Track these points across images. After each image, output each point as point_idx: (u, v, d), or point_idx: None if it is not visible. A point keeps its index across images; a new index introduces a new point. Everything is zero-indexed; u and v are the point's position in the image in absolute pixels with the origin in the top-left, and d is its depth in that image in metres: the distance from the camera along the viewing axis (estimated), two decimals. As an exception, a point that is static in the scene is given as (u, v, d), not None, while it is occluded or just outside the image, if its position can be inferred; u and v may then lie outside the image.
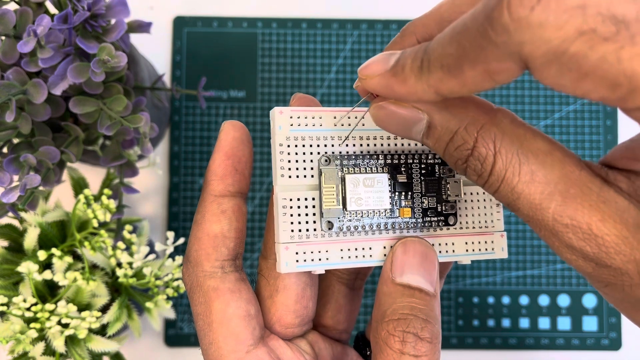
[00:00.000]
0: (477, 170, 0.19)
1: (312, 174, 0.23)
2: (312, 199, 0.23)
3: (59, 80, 0.30)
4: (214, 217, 0.23)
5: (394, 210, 0.23)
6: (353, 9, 0.50)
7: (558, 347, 0.47)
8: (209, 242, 0.23)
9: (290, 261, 0.22)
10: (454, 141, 0.19)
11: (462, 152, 0.19)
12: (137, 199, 0.48)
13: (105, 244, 0.36)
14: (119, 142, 0.35)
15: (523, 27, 0.14)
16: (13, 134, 0.31)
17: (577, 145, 0.48)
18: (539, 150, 0.18)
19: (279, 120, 0.23)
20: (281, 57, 0.49)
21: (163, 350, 0.47)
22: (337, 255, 0.23)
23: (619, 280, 0.17)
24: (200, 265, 0.23)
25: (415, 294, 0.21)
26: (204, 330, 0.23)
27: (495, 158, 0.18)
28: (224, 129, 0.24)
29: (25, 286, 0.35)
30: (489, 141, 0.19)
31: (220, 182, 0.23)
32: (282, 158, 0.22)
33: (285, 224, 0.22)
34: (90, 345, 0.35)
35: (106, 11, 0.32)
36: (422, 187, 0.24)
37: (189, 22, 0.49)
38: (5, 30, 0.30)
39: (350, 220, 0.23)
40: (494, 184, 0.19)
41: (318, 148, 0.23)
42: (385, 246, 0.23)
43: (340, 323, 0.27)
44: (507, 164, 0.18)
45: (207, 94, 0.41)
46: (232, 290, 0.23)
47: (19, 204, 0.31)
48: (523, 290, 0.47)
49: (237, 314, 0.22)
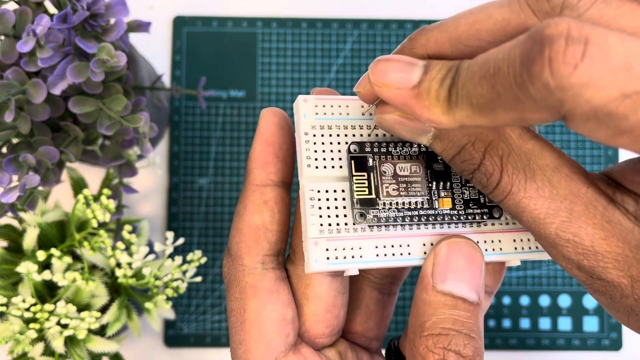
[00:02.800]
0: (483, 182, 0.19)
1: (340, 165, 0.21)
2: (342, 191, 0.21)
3: (58, 80, 0.30)
4: (255, 207, 0.21)
5: (433, 200, 0.21)
6: (353, 9, 0.49)
7: (559, 347, 0.47)
8: (251, 234, 0.21)
9: (320, 257, 0.20)
10: (460, 155, 0.19)
11: (469, 166, 0.19)
12: (137, 199, 0.48)
13: (105, 244, 0.36)
14: (119, 142, 0.35)
15: (565, 86, 0.13)
16: (12, 134, 0.31)
17: (577, 145, 0.48)
18: (547, 166, 0.18)
19: (304, 109, 0.21)
20: (281, 57, 0.49)
21: (162, 350, 0.47)
22: (372, 252, 0.21)
23: (609, 290, 0.18)
24: (240, 258, 0.22)
25: (459, 305, 0.19)
26: (235, 327, 0.22)
27: (502, 174, 0.18)
28: (264, 116, 0.22)
29: (24, 286, 0.35)
30: (496, 158, 0.19)
31: (261, 170, 0.22)
32: (308, 147, 0.21)
33: (313, 217, 0.20)
34: (89, 346, 0.35)
35: (105, 11, 0.32)
36: (461, 177, 0.22)
37: (188, 22, 0.49)
38: (5, 30, 0.30)
39: (385, 211, 0.21)
40: (499, 196, 0.19)
41: (346, 137, 0.21)
42: (425, 243, 0.21)
43: (370, 330, 0.25)
44: (513, 180, 0.18)
45: (206, 94, 0.41)
46: (270, 290, 0.21)
47: (18, 204, 0.31)
48: (524, 291, 0.47)
49: (271, 317, 0.21)
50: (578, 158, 0.48)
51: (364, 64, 0.49)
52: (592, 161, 0.48)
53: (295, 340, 0.22)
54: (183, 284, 0.37)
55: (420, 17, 0.49)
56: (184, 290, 0.38)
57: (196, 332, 0.47)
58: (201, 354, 0.47)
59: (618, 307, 0.18)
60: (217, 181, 0.48)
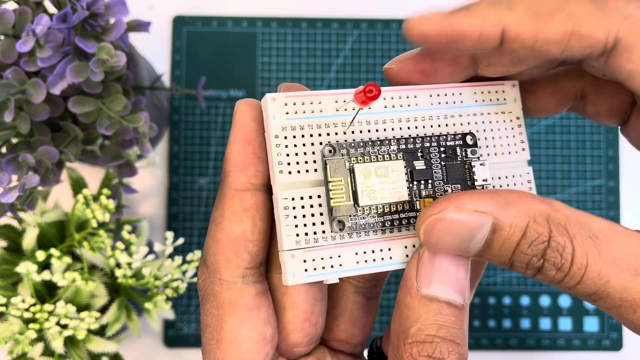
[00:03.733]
0: (557, 263, 0.17)
1: (315, 168, 0.20)
2: (318, 197, 0.20)
3: (58, 80, 0.30)
4: (234, 216, 0.20)
5: (414, 202, 0.20)
6: (353, 8, 0.49)
7: (559, 347, 0.47)
8: (229, 246, 0.20)
9: (297, 271, 0.19)
10: (526, 237, 0.17)
11: (538, 248, 0.17)
12: (136, 199, 0.48)
13: (104, 244, 0.35)
14: (118, 142, 0.35)
15: None
16: (12, 134, 0.31)
17: (577, 145, 0.48)
18: (605, 228, 0.17)
19: (272, 109, 0.20)
20: (281, 57, 0.49)
21: (162, 350, 0.47)
22: (352, 260, 0.20)
23: None
24: (217, 272, 0.20)
25: (444, 309, 0.19)
26: (210, 345, 0.20)
27: (574, 245, 0.17)
28: (239, 109, 0.20)
29: (24, 287, 0.35)
30: (562, 230, 0.17)
31: (240, 173, 0.20)
32: (279, 152, 0.19)
33: (289, 227, 0.19)
34: (89, 346, 0.35)
35: (105, 10, 0.32)
36: (444, 174, 0.21)
37: (188, 22, 0.49)
38: (4, 29, 0.30)
39: (364, 218, 0.20)
40: (577, 274, 0.17)
41: (320, 137, 0.20)
42: (406, 246, 0.20)
43: (355, 337, 0.24)
44: (587, 250, 0.17)
45: (206, 94, 0.41)
46: (250, 307, 0.20)
47: (18, 204, 0.31)
48: (524, 291, 0.47)
49: (251, 336, 0.20)
50: (578, 143, 0.48)
51: (363, 64, 0.49)
52: (592, 146, 0.48)
53: (273, 358, 0.21)
54: (183, 284, 0.37)
55: (421, 17, 0.49)
56: (184, 290, 0.38)
57: (196, 332, 0.47)
58: (201, 354, 0.47)
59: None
60: (217, 181, 0.48)
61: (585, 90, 0.22)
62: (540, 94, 0.22)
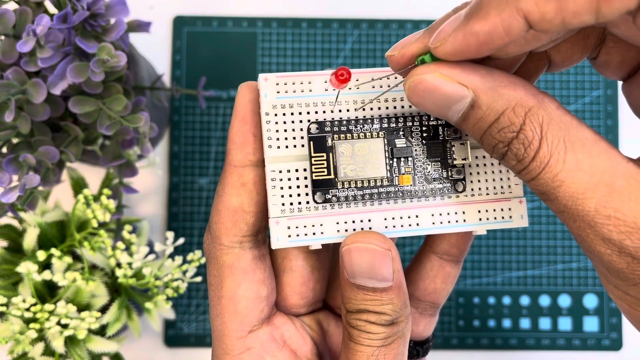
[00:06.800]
0: (519, 155, 0.18)
1: (302, 144, 0.22)
2: (304, 170, 0.22)
3: (58, 80, 0.30)
4: (233, 189, 0.22)
5: (392, 178, 0.22)
6: (353, 9, 0.49)
7: (559, 347, 0.47)
8: (228, 217, 0.22)
9: (281, 236, 0.21)
10: (498, 122, 0.18)
11: (506, 135, 0.18)
12: (137, 199, 0.48)
13: (105, 244, 0.36)
14: (119, 142, 0.35)
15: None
16: (12, 134, 0.31)
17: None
18: (586, 139, 0.17)
19: (264, 88, 0.22)
20: (281, 57, 0.49)
21: (163, 350, 0.47)
22: (333, 229, 0.22)
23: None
24: (218, 238, 0.22)
25: (369, 293, 0.21)
26: (213, 300, 0.23)
27: (541, 143, 0.17)
28: (239, 91, 0.23)
29: (24, 286, 0.35)
30: (537, 125, 0.18)
31: (239, 151, 0.22)
32: (269, 128, 0.21)
33: (275, 197, 0.21)
34: (89, 346, 0.35)
35: (106, 11, 0.32)
36: (424, 152, 0.22)
37: (188, 22, 0.49)
38: (5, 29, 0.30)
39: (343, 191, 0.22)
40: (534, 170, 0.18)
41: (308, 115, 0.22)
42: (386, 217, 0.22)
43: None
44: (552, 150, 0.17)
45: (207, 94, 0.41)
46: (245, 270, 0.22)
47: (19, 204, 0.31)
48: (524, 291, 0.47)
49: (246, 295, 0.22)
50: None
51: (364, 64, 0.49)
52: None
53: (269, 312, 0.23)
54: (183, 284, 0.37)
55: (421, 17, 0.49)
56: (184, 290, 0.38)
57: (196, 332, 0.47)
58: (201, 354, 0.47)
59: None
60: (217, 181, 0.48)
61: (605, 36, 0.21)
62: (563, 45, 0.21)
